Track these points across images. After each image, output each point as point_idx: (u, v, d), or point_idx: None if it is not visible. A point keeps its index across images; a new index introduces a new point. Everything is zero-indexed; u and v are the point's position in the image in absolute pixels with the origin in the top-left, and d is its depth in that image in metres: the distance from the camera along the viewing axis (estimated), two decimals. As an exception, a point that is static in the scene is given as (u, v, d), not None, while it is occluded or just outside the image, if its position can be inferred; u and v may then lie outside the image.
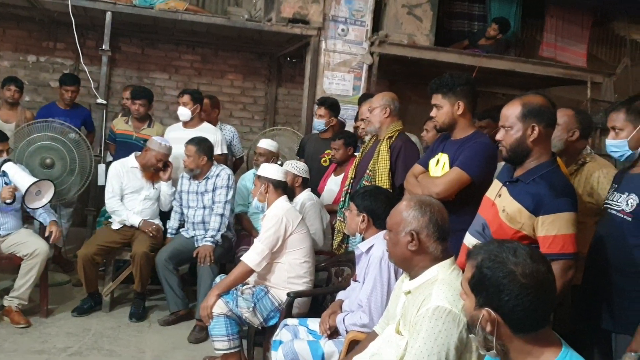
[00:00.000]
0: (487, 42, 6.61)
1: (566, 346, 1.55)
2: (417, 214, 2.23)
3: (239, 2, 7.04)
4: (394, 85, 7.30)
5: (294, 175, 4.22)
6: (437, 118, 3.10)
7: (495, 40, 6.61)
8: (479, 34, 6.77)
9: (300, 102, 6.47)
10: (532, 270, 1.50)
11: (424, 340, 1.95)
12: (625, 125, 2.57)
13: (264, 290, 3.48)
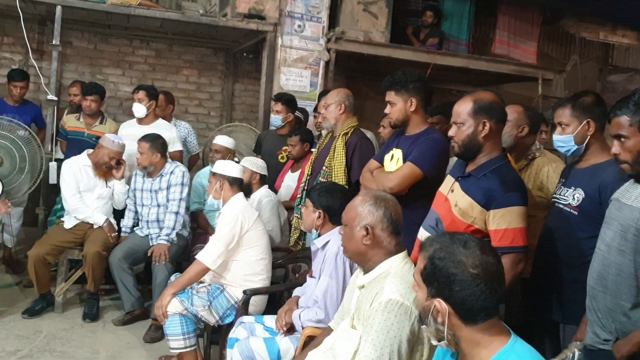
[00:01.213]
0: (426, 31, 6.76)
1: (514, 335, 1.59)
2: (372, 208, 2.26)
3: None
4: (351, 81, 7.34)
5: (252, 172, 4.20)
6: (391, 115, 3.14)
7: (432, 27, 6.74)
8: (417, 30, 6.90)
9: (258, 98, 6.43)
10: (481, 261, 1.54)
11: (376, 333, 1.97)
12: (571, 121, 2.63)
13: (220, 288, 3.45)
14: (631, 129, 2.12)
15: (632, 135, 2.12)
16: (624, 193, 2.23)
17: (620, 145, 2.17)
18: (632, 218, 2.10)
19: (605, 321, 2.20)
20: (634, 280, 2.10)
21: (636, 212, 2.10)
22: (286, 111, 4.89)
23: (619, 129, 2.15)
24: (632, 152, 2.13)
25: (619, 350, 2.12)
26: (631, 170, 2.17)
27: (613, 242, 2.17)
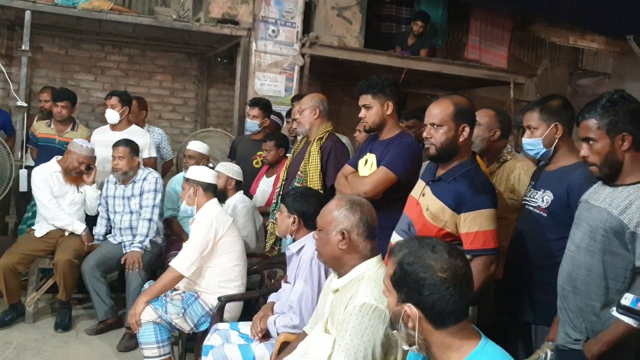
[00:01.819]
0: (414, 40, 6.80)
1: (484, 337, 1.61)
2: (347, 213, 2.26)
3: (166, 2, 6.90)
4: (326, 86, 7.36)
5: (228, 177, 4.18)
6: (367, 118, 3.15)
7: (421, 36, 6.79)
8: (403, 36, 6.94)
9: (232, 103, 6.41)
10: (450, 265, 1.55)
11: (350, 337, 1.98)
12: (539, 124, 2.66)
13: (194, 295, 3.42)
14: (599, 132, 2.16)
15: (600, 138, 2.16)
16: (593, 195, 2.27)
17: (588, 148, 2.20)
18: (601, 219, 2.14)
19: (575, 321, 2.23)
20: (603, 280, 2.14)
21: (604, 214, 2.14)
22: (263, 116, 4.88)
23: (587, 132, 2.19)
24: (600, 155, 2.17)
25: (589, 350, 2.15)
26: (599, 173, 2.21)
27: (582, 243, 2.21)
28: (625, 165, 2.15)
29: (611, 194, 2.17)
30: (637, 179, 2.14)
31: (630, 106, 2.14)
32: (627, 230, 2.06)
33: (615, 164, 2.16)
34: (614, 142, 2.14)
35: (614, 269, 2.12)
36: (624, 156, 2.15)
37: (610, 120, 2.13)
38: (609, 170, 2.18)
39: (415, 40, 6.82)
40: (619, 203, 2.11)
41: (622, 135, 2.13)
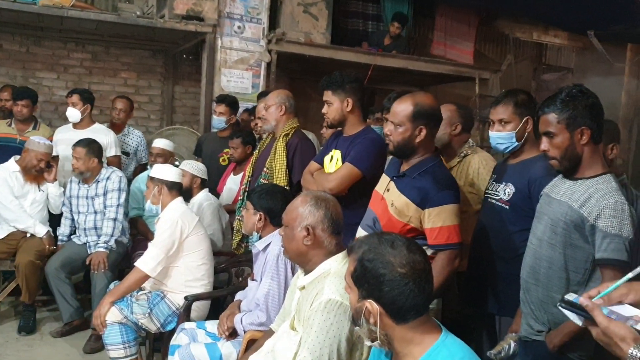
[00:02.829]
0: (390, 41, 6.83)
1: (445, 331, 1.63)
2: (312, 209, 2.26)
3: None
4: (295, 82, 7.34)
5: (192, 175, 4.14)
6: (328, 114, 3.17)
7: (398, 37, 6.83)
8: (380, 35, 6.96)
9: (199, 100, 6.36)
10: (409, 260, 1.56)
11: (316, 333, 1.98)
12: (512, 118, 2.68)
13: (161, 295, 3.39)
14: (559, 126, 2.18)
15: (559, 132, 2.18)
16: (553, 188, 2.31)
17: (548, 142, 2.23)
18: (561, 212, 2.18)
19: (538, 313, 2.27)
20: (564, 273, 2.18)
21: (564, 207, 2.17)
22: (229, 113, 4.85)
23: (548, 126, 2.21)
24: (560, 149, 2.19)
25: (551, 341, 2.19)
26: (559, 166, 2.24)
27: (544, 236, 2.25)
28: (584, 158, 2.19)
29: (571, 188, 2.21)
30: (596, 172, 2.18)
31: (588, 100, 2.18)
32: (587, 223, 2.10)
33: (574, 158, 2.19)
34: (573, 136, 2.17)
35: (575, 261, 2.16)
36: (583, 150, 2.18)
37: (570, 115, 2.16)
38: (568, 163, 2.21)
39: (391, 42, 6.84)
40: (578, 196, 2.15)
41: (581, 129, 2.16)
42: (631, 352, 1.22)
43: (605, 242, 2.06)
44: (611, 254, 2.05)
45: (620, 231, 2.05)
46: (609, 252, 2.06)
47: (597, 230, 2.08)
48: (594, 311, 1.30)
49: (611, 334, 1.26)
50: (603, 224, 2.06)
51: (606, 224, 2.06)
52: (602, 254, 2.07)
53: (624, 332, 1.25)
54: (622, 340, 1.24)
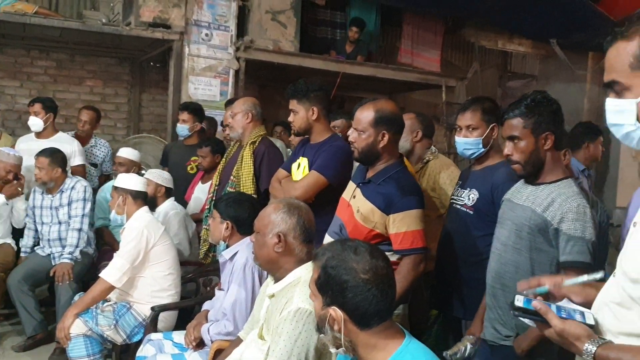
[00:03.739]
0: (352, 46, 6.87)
1: (408, 336, 1.64)
2: (285, 216, 2.26)
3: (95, 6, 6.71)
4: (264, 90, 7.34)
5: (157, 184, 4.09)
6: (294, 123, 3.18)
7: (357, 42, 6.87)
8: (343, 42, 7.00)
9: (166, 108, 6.30)
10: (371, 266, 1.57)
11: (284, 342, 1.97)
12: (480, 124, 2.72)
13: (127, 306, 3.34)
14: (525, 130, 2.23)
15: (525, 136, 2.23)
16: (515, 194, 2.35)
17: (513, 147, 2.27)
18: (525, 217, 2.22)
19: (505, 318, 2.30)
20: (530, 276, 2.20)
21: (528, 211, 2.21)
22: (193, 120, 4.81)
23: (512, 131, 2.26)
24: (525, 153, 2.24)
25: (519, 346, 2.21)
26: (522, 171, 2.29)
27: (509, 241, 2.28)
28: (547, 163, 2.24)
29: (534, 193, 2.25)
30: (558, 177, 2.24)
31: (552, 107, 2.24)
32: (551, 226, 2.14)
33: (538, 162, 2.24)
34: (538, 141, 2.22)
35: (541, 265, 2.20)
36: (546, 155, 2.24)
37: (536, 120, 2.21)
38: (532, 168, 2.26)
39: (353, 47, 6.88)
40: (541, 201, 2.19)
41: (545, 135, 2.22)
42: (586, 347, 1.26)
43: (569, 245, 2.11)
44: (575, 256, 2.10)
45: (583, 234, 2.10)
46: (572, 254, 2.10)
47: (561, 233, 2.12)
48: (548, 314, 1.33)
49: (567, 335, 1.30)
50: (566, 227, 2.11)
51: (569, 227, 2.10)
52: (567, 257, 2.12)
53: (579, 331, 1.29)
54: (577, 339, 1.28)
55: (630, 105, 1.25)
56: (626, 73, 1.26)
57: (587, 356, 1.25)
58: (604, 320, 1.32)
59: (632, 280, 1.25)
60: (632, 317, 1.26)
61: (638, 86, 1.24)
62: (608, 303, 1.33)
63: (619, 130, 1.29)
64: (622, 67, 1.27)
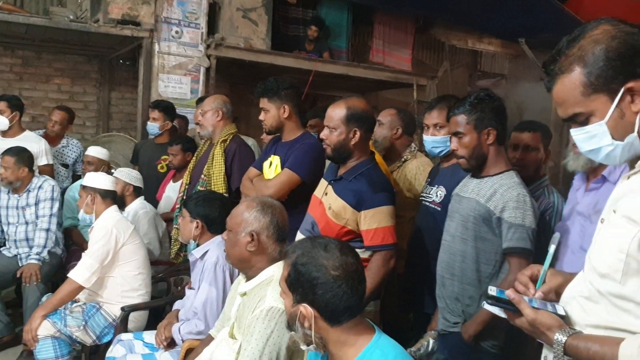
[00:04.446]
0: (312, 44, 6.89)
1: (378, 331, 1.65)
2: (258, 215, 2.25)
3: (63, 2, 6.59)
4: (235, 88, 7.29)
5: (125, 183, 4.04)
6: (265, 121, 3.17)
7: (317, 40, 6.89)
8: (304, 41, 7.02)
9: (136, 107, 6.22)
10: (341, 262, 1.58)
11: (256, 341, 1.97)
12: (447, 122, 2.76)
13: (96, 306, 3.29)
14: (468, 126, 2.34)
15: (468, 132, 2.34)
16: (462, 187, 2.45)
17: (458, 142, 2.38)
18: (470, 208, 2.32)
19: (453, 306, 2.39)
20: (476, 265, 2.31)
21: (473, 202, 2.31)
22: (164, 119, 4.76)
23: (457, 127, 2.36)
24: (469, 148, 2.35)
25: (466, 331, 2.31)
26: (467, 165, 2.39)
27: (456, 232, 2.37)
28: (490, 157, 2.35)
29: (478, 185, 2.35)
30: (500, 169, 2.34)
31: (494, 103, 2.35)
32: (494, 216, 2.24)
33: (481, 157, 2.35)
34: (480, 136, 2.33)
35: (486, 253, 2.29)
36: (489, 149, 2.35)
37: (478, 116, 2.32)
38: (475, 162, 2.36)
39: (313, 46, 6.89)
40: (485, 192, 2.29)
41: (487, 130, 2.32)
42: (556, 337, 1.29)
43: (510, 232, 2.21)
44: (516, 242, 2.21)
45: (523, 221, 2.21)
46: (514, 241, 2.21)
47: (503, 221, 2.23)
48: (521, 304, 1.36)
49: (538, 325, 1.33)
50: (508, 215, 2.22)
51: (510, 215, 2.21)
52: (509, 244, 2.23)
53: (551, 321, 1.32)
54: (549, 329, 1.31)
55: (600, 128, 1.27)
56: (583, 102, 1.28)
57: (557, 346, 1.28)
58: (572, 313, 1.35)
59: (600, 275, 1.29)
60: (600, 310, 1.29)
61: (599, 109, 1.27)
62: (576, 297, 1.36)
63: (598, 154, 1.32)
64: (576, 99, 1.29)
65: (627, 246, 1.21)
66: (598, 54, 1.25)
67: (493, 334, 2.30)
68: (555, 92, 1.33)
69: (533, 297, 1.40)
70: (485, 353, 2.33)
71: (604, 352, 1.21)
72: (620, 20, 1.29)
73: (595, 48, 1.25)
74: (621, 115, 1.26)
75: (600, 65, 1.25)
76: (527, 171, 2.71)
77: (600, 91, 1.26)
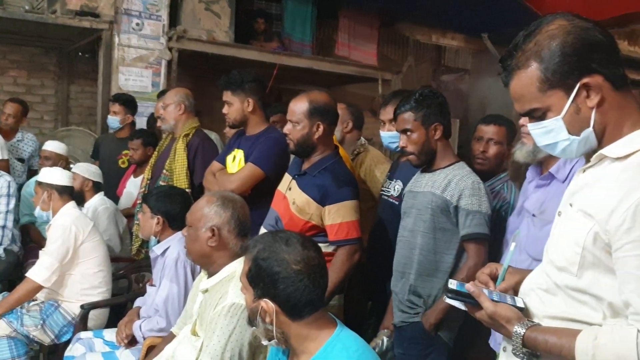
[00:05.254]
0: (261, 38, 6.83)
1: (340, 325, 1.65)
2: (219, 209, 2.22)
3: (18, -8, 6.38)
4: (198, 81, 7.18)
5: (84, 178, 3.94)
6: (229, 115, 3.13)
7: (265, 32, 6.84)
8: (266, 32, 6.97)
9: (96, 100, 6.07)
10: (303, 257, 1.57)
11: (218, 338, 1.95)
12: None
13: (54, 305, 3.21)
14: (415, 123, 2.39)
15: (416, 129, 2.40)
16: (415, 184, 2.50)
17: (406, 139, 2.42)
18: (427, 201, 2.36)
19: (412, 299, 2.42)
20: (435, 256, 2.36)
21: (429, 195, 2.36)
22: (125, 112, 4.67)
23: (405, 124, 2.42)
24: (417, 144, 2.40)
25: (427, 320, 2.35)
26: (417, 161, 2.44)
27: (415, 227, 2.41)
28: (439, 152, 2.43)
29: (431, 178, 2.41)
30: (450, 162, 2.42)
31: (438, 99, 2.42)
32: (451, 205, 2.31)
33: (430, 152, 2.42)
34: (428, 132, 2.39)
35: (445, 243, 2.35)
36: (437, 144, 2.42)
37: (424, 113, 2.38)
38: (425, 158, 2.43)
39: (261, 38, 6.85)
40: (439, 184, 2.35)
41: (434, 126, 2.39)
42: (515, 330, 1.30)
43: (468, 219, 2.28)
44: (474, 228, 2.28)
45: (480, 207, 2.28)
46: (472, 227, 2.28)
47: (460, 209, 2.29)
48: (480, 297, 1.37)
49: (497, 317, 1.34)
50: (465, 203, 2.28)
51: (467, 202, 2.28)
52: (467, 230, 2.29)
53: (510, 314, 1.33)
54: (508, 321, 1.32)
55: (557, 123, 1.28)
56: (539, 97, 1.29)
57: (516, 338, 1.29)
58: (530, 304, 1.37)
59: (558, 268, 1.30)
60: (557, 302, 1.30)
61: (556, 104, 1.28)
62: (535, 289, 1.37)
63: (555, 148, 1.33)
64: (532, 95, 1.29)
65: (583, 240, 1.23)
66: (554, 50, 1.25)
67: (449, 326, 2.35)
68: (512, 88, 1.34)
69: (493, 290, 1.41)
70: (441, 344, 2.37)
71: (562, 344, 1.23)
72: (575, 15, 1.29)
73: (551, 43, 1.26)
74: (577, 111, 1.27)
75: (556, 61, 1.25)
76: (489, 164, 2.75)
77: (556, 87, 1.27)
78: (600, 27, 1.27)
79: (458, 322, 2.36)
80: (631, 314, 1.16)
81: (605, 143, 1.28)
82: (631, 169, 1.20)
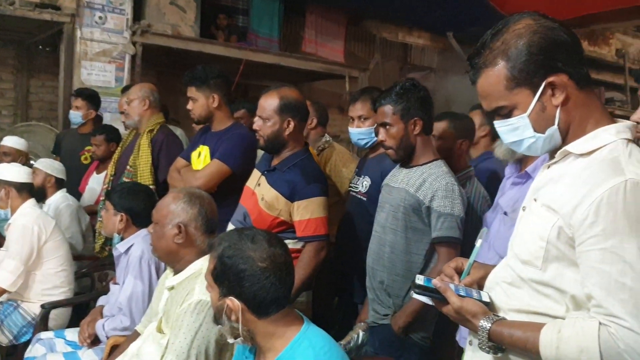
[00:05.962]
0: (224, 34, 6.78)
1: (307, 322, 1.65)
2: (185, 206, 2.19)
3: (-26, -18, 6.17)
4: (163, 76, 7.09)
5: (46, 174, 3.84)
6: (194, 111, 3.10)
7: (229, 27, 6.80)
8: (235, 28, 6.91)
9: (57, 95, 5.92)
10: (269, 254, 1.56)
11: (184, 335, 1.93)
12: (371, 114, 2.79)
13: (13, 305, 3.13)
14: (394, 117, 2.34)
15: (395, 123, 2.34)
16: (392, 178, 2.46)
17: (385, 133, 2.37)
18: (400, 198, 2.33)
19: (382, 297, 2.40)
20: (406, 256, 2.33)
21: (403, 192, 2.33)
22: (87, 107, 4.57)
23: (384, 117, 2.36)
24: (396, 139, 2.35)
25: (396, 323, 2.32)
26: (395, 155, 2.40)
27: (386, 223, 2.38)
28: (418, 147, 2.37)
29: (407, 175, 2.37)
30: (428, 159, 2.36)
31: (420, 93, 2.36)
32: (424, 205, 2.26)
33: (409, 147, 2.36)
34: (407, 127, 2.34)
35: (416, 243, 2.31)
36: (416, 139, 2.36)
37: (404, 106, 2.32)
38: (403, 152, 2.37)
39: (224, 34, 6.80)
40: (414, 182, 2.31)
41: (414, 120, 2.33)
42: (481, 324, 1.31)
43: (439, 221, 2.24)
44: (445, 231, 2.23)
45: (452, 210, 2.23)
46: (443, 230, 2.23)
47: (432, 211, 2.25)
48: (447, 292, 1.38)
49: (464, 312, 1.35)
50: (437, 204, 2.24)
51: (439, 204, 2.24)
52: (438, 233, 2.25)
53: (476, 308, 1.34)
54: (474, 316, 1.33)
55: (522, 121, 1.30)
56: (506, 95, 1.30)
57: (482, 332, 1.31)
58: (496, 298, 1.39)
59: (522, 262, 1.32)
60: (522, 295, 1.32)
61: (522, 102, 1.29)
62: (500, 283, 1.39)
63: (520, 146, 1.35)
64: (499, 93, 1.31)
65: (547, 234, 1.25)
66: (521, 48, 1.27)
67: (423, 326, 2.31)
68: (479, 85, 1.35)
69: (459, 285, 1.43)
70: (414, 345, 2.34)
71: (527, 337, 1.25)
72: (542, 15, 1.31)
73: (518, 42, 1.27)
74: (542, 109, 1.29)
75: (523, 60, 1.27)
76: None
77: (522, 85, 1.28)
78: (565, 27, 1.29)
79: (433, 321, 2.32)
80: (593, 306, 1.19)
81: (569, 140, 1.30)
82: (594, 165, 1.23)
